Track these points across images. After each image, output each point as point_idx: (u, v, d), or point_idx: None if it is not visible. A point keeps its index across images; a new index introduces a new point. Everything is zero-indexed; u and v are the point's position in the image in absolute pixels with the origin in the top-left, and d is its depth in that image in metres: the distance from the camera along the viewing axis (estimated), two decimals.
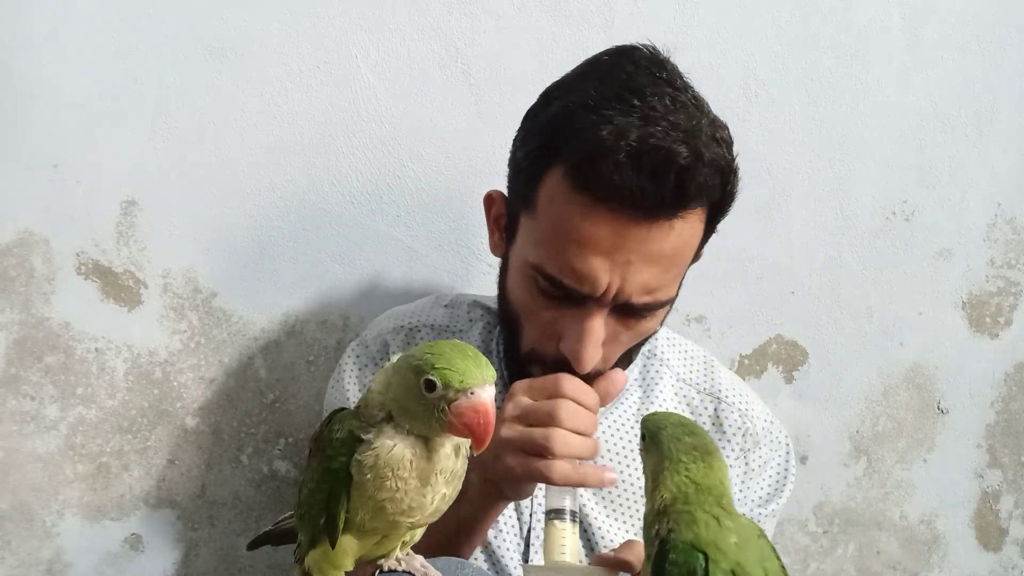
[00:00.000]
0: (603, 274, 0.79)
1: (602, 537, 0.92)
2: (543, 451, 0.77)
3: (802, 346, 1.29)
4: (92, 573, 1.11)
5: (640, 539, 0.75)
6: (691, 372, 1.01)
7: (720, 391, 1.00)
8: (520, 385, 0.82)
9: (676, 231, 0.79)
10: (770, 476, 0.99)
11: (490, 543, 0.92)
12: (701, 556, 0.62)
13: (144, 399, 1.11)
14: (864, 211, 1.29)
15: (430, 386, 0.63)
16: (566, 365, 0.84)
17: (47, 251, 1.06)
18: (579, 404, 0.80)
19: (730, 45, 1.21)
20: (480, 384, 0.63)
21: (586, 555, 0.93)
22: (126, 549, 1.12)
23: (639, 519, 0.89)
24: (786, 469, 1.00)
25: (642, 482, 0.72)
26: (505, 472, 0.79)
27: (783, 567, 0.65)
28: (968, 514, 1.38)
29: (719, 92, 0.86)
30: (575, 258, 0.79)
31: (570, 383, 0.81)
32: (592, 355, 0.83)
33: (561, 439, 0.77)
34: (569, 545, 0.77)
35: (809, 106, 1.25)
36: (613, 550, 0.78)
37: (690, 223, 0.80)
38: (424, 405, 0.63)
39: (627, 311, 0.83)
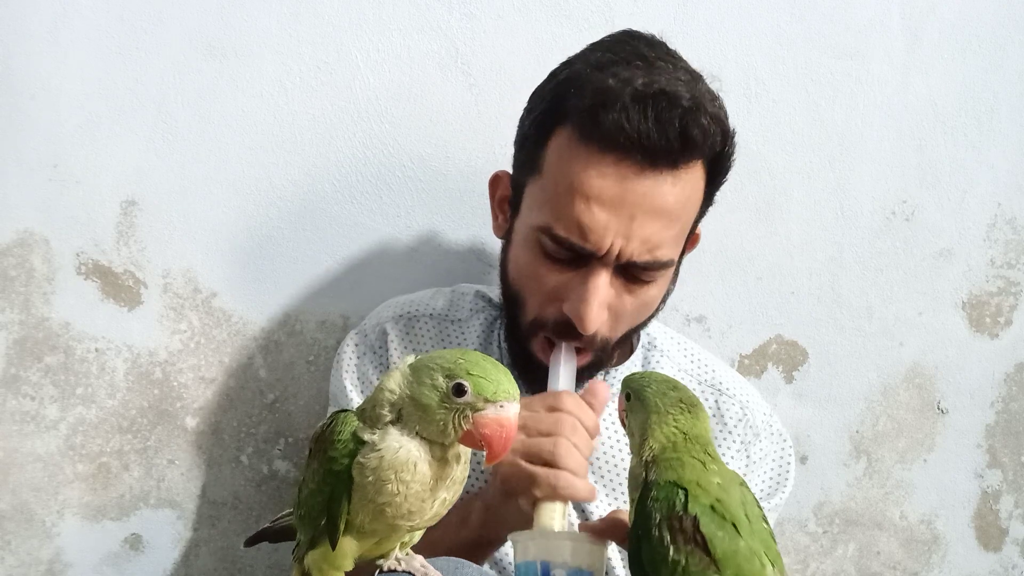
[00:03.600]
0: (608, 229, 0.80)
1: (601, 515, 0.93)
2: (550, 460, 0.77)
3: (802, 346, 1.29)
4: (92, 573, 1.11)
5: (625, 511, 0.75)
6: (691, 364, 1.02)
7: (720, 383, 1.01)
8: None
9: (680, 184, 0.81)
10: (770, 468, 0.99)
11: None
12: (681, 491, 0.63)
13: (144, 399, 1.11)
14: (864, 211, 1.29)
15: (459, 391, 0.62)
16: (570, 328, 0.85)
17: (47, 251, 1.06)
18: (579, 422, 0.80)
19: (730, 45, 1.21)
20: (509, 399, 0.63)
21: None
22: (126, 549, 1.12)
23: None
24: (788, 463, 1.00)
25: None
26: (508, 478, 0.79)
27: (765, 518, 0.66)
28: (968, 514, 1.38)
29: (719, 92, 0.86)
30: (581, 212, 0.80)
31: (571, 399, 0.81)
32: (596, 315, 0.83)
33: (566, 449, 0.78)
34: (558, 516, 0.77)
35: (809, 106, 1.25)
36: (599, 519, 0.79)
37: (692, 178, 0.83)
38: (444, 409, 0.63)
39: (630, 272, 0.84)
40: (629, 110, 0.77)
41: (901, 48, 1.27)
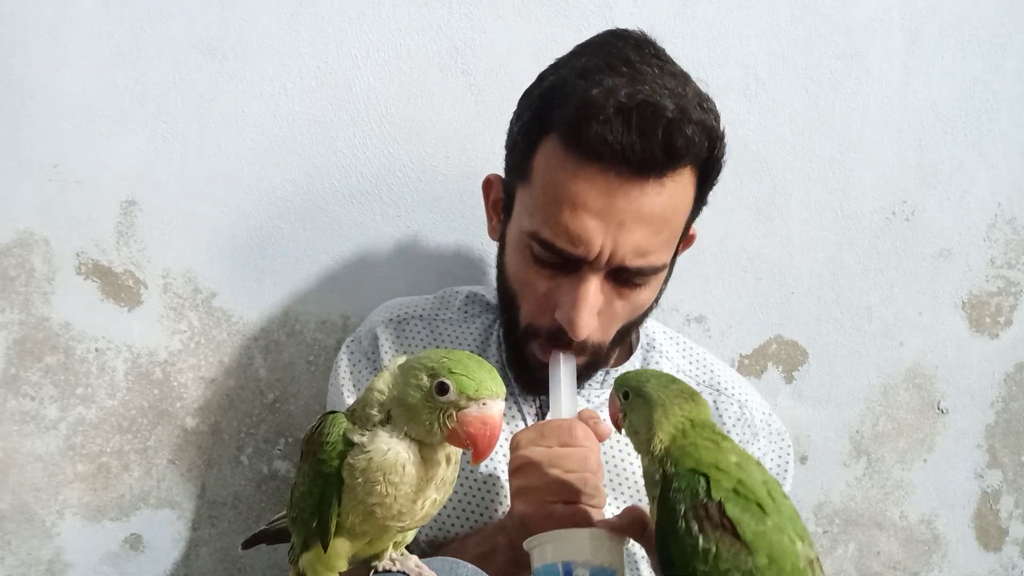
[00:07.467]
0: (596, 235, 0.80)
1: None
2: (579, 498, 0.78)
3: (802, 346, 1.29)
4: (92, 573, 1.11)
5: (641, 507, 0.75)
6: (690, 364, 1.02)
7: (719, 383, 1.01)
8: (527, 435, 0.82)
9: (668, 191, 0.81)
10: (769, 467, 0.99)
11: None
12: (702, 478, 0.62)
13: (144, 399, 1.11)
14: (864, 211, 1.29)
15: (442, 389, 0.62)
16: (562, 335, 0.85)
17: (47, 251, 1.07)
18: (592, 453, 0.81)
19: (730, 45, 1.21)
20: (493, 397, 0.63)
21: None
22: (126, 549, 1.12)
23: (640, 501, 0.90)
24: (787, 462, 1.00)
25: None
26: (545, 517, 0.78)
27: (785, 494, 0.66)
28: (968, 514, 1.38)
29: (719, 92, 0.86)
30: (569, 220, 0.80)
31: (583, 430, 0.82)
32: (587, 321, 0.83)
33: (601, 490, 0.79)
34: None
35: (809, 106, 1.25)
36: (616, 515, 0.79)
37: (680, 184, 0.82)
38: (429, 408, 0.63)
39: (621, 276, 0.84)
40: (612, 122, 0.77)
41: (901, 48, 1.27)
